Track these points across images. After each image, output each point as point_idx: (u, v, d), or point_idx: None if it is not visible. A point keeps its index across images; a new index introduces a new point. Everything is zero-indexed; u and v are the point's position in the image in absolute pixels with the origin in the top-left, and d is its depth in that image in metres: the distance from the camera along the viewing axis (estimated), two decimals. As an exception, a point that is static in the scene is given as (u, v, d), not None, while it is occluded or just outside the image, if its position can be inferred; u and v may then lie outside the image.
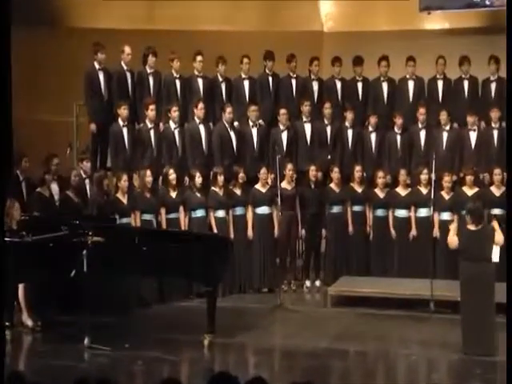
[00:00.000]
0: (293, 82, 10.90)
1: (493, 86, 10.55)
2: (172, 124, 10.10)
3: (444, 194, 9.70)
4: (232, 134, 10.28)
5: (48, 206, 8.87)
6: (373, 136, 10.51)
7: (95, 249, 7.52)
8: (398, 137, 10.42)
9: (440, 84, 10.77)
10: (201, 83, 10.60)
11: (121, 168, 9.70)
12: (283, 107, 10.45)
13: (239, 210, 9.83)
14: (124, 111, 9.91)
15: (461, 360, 7.29)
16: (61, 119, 11.85)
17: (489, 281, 7.24)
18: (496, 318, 7.26)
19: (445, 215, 9.64)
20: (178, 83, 10.53)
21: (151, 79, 10.50)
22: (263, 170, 9.93)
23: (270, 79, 10.86)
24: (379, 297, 9.00)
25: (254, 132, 10.38)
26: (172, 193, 9.54)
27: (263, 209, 9.90)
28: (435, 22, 12.47)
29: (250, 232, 9.84)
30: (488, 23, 11.96)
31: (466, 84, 10.70)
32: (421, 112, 10.33)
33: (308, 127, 10.51)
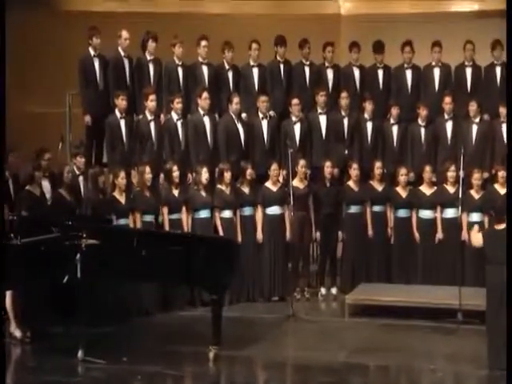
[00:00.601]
0: (306, 70, 10.90)
1: (529, 74, 10.54)
2: (174, 115, 10.10)
3: (473, 193, 9.68)
4: (239, 127, 10.28)
5: (38, 206, 8.87)
6: (394, 129, 10.51)
7: (90, 252, 7.51)
8: (423, 130, 10.41)
9: (469, 71, 10.76)
10: (205, 71, 10.61)
11: (118, 164, 9.71)
12: (296, 97, 10.44)
13: (247, 211, 9.84)
14: (121, 101, 9.94)
15: (492, 376, 7.23)
16: (52, 110, 11.88)
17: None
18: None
19: (474, 216, 9.61)
20: (181, 71, 10.55)
21: (151, 66, 10.52)
22: (274, 166, 9.92)
23: (282, 67, 10.85)
24: (401, 306, 8.97)
25: (264, 124, 10.38)
26: (174, 191, 9.53)
27: (274, 209, 9.89)
28: (463, 4, 12.43)
29: (260, 234, 9.84)
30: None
31: (498, 71, 10.66)
32: (446, 101, 10.31)
33: (323, 119, 10.51)
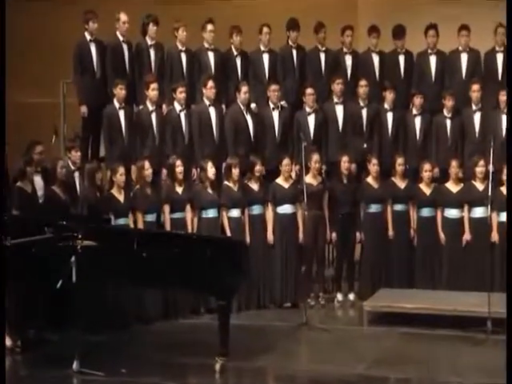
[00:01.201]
0: (321, 56, 10.92)
1: None
2: (177, 106, 10.12)
3: (504, 191, 9.64)
4: (248, 118, 10.30)
5: (30, 204, 8.89)
6: (417, 120, 10.51)
7: (86, 255, 7.52)
8: (448, 121, 10.41)
9: (499, 58, 10.72)
10: (211, 57, 10.64)
11: (116, 159, 9.74)
12: (310, 86, 10.45)
13: (257, 209, 9.85)
14: (120, 91, 9.95)
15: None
16: (45, 100, 11.91)
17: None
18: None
19: (505, 216, 9.58)
20: (184, 57, 10.58)
21: (152, 52, 10.55)
22: (286, 162, 9.92)
23: (295, 53, 10.88)
24: (425, 313, 8.97)
25: (275, 116, 10.39)
26: (178, 188, 9.55)
27: (285, 207, 9.91)
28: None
29: (271, 235, 9.85)
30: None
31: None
32: (474, 89, 10.28)
33: (340, 110, 10.53)
